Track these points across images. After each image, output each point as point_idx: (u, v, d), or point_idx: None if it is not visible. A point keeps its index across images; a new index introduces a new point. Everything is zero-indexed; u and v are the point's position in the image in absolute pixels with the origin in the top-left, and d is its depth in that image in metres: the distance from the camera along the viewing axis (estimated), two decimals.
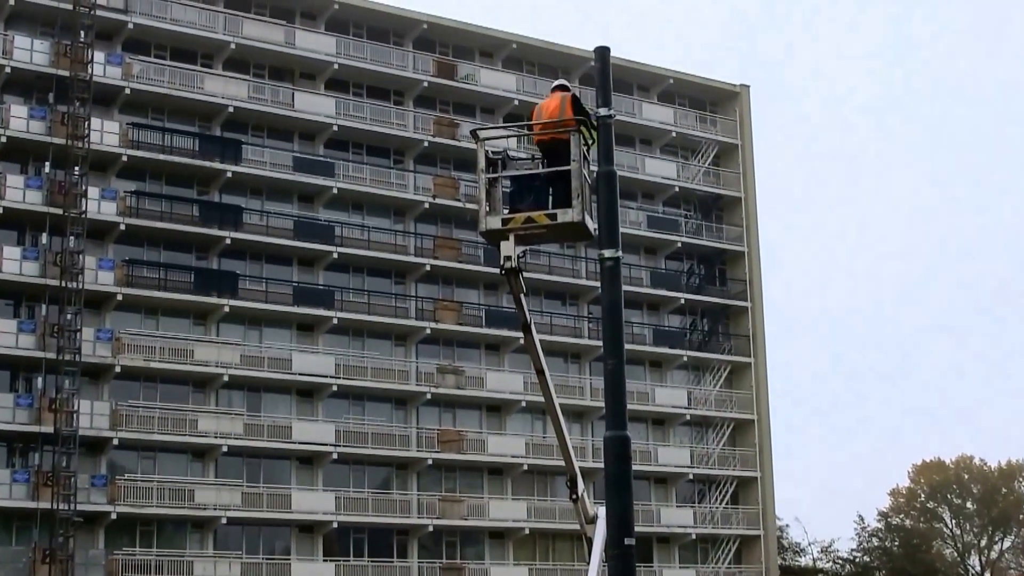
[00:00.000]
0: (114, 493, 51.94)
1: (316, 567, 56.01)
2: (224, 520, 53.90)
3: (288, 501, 55.66)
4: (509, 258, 12.94)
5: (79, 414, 50.63)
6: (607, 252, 13.10)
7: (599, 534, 15.51)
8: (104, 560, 51.23)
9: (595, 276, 56.01)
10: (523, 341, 16.48)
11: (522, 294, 13.61)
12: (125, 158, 54.65)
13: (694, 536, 65.35)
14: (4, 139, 52.33)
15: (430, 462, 58.97)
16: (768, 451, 68.05)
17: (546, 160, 13.39)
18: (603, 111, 13.33)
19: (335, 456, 56.82)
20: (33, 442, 50.61)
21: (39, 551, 49.12)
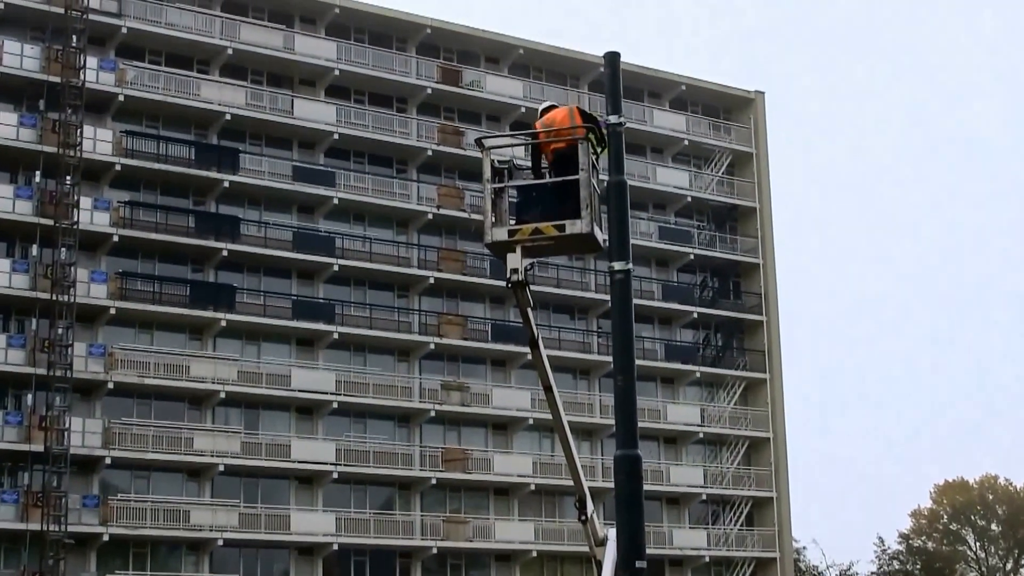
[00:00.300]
0: (106, 514, 51.62)
1: None
2: (220, 542, 53.70)
3: (287, 522, 55.48)
4: (516, 271, 13.02)
5: (70, 432, 50.64)
6: (617, 264, 13.21)
7: (609, 556, 15.33)
8: None
9: (605, 289, 56.91)
10: (530, 356, 16.57)
11: (529, 308, 13.73)
12: (118, 167, 54.50)
13: (708, 559, 65.00)
14: None
15: (434, 482, 58.69)
16: (784, 470, 67.67)
17: (554, 170, 13.42)
18: (613, 119, 13.37)
19: (335, 476, 56.50)
20: (23, 461, 50.43)
21: (28, 574, 48.72)
